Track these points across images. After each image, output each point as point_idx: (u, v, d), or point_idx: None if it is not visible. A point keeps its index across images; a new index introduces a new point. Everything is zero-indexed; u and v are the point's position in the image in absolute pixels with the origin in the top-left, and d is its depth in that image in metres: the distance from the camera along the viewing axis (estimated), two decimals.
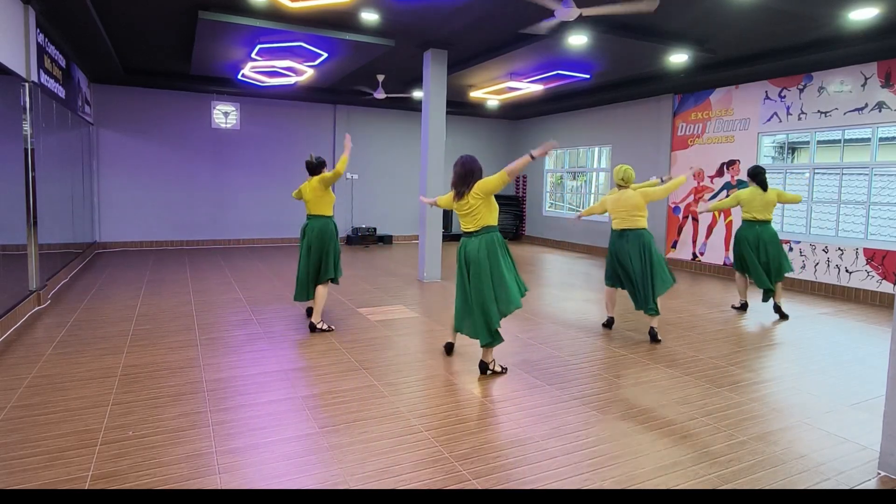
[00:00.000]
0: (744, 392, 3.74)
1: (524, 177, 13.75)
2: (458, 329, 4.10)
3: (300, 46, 7.32)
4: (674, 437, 3.02)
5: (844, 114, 7.30)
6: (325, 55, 7.72)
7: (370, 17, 6.27)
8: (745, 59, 7.65)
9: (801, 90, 7.78)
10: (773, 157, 8.80)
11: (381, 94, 9.97)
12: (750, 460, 2.79)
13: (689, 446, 2.92)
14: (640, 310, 4.97)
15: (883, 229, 7.13)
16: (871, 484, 2.62)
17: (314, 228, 5.05)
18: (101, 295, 6.35)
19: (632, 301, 5.08)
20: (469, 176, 3.96)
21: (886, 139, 7.29)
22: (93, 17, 6.11)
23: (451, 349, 4.46)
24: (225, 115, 11.06)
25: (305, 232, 5.10)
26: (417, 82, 9.91)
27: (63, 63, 7.17)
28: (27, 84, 5.53)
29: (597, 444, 2.92)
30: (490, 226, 3.95)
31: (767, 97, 8.21)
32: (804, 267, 7.77)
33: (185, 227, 10.87)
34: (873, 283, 7.01)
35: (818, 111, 7.59)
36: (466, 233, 3.99)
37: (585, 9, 5.03)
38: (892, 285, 6.83)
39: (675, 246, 9.77)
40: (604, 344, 4.82)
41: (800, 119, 7.81)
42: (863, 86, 7.10)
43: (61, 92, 7.01)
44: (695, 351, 4.66)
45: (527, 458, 2.74)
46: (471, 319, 3.92)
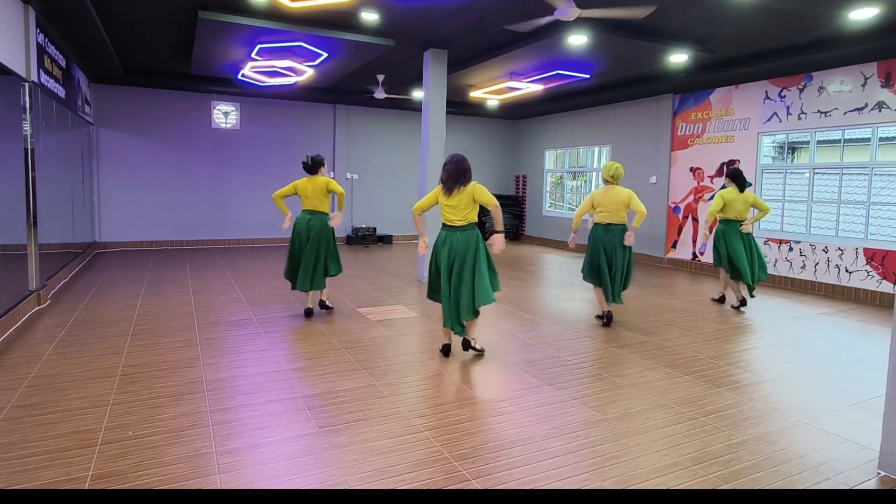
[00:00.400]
0: (744, 392, 3.74)
1: (524, 176, 13.75)
2: (447, 323, 4.24)
3: (300, 46, 7.32)
4: (674, 437, 3.02)
5: (844, 114, 7.30)
6: (325, 55, 7.72)
7: (370, 16, 6.27)
8: (745, 59, 7.65)
9: (801, 90, 7.78)
10: (773, 157, 8.80)
11: (381, 94, 9.97)
12: (750, 460, 2.79)
13: (689, 446, 2.92)
14: (618, 302, 5.37)
15: (883, 229, 7.13)
16: (871, 484, 2.62)
17: (316, 224, 5.39)
18: (101, 295, 6.35)
19: (605, 292, 5.37)
20: (463, 174, 4.17)
21: (886, 139, 7.29)
22: (93, 17, 6.11)
23: (447, 351, 4.42)
24: (225, 115, 11.06)
25: (307, 226, 5.38)
26: (417, 82, 9.91)
27: (63, 63, 7.17)
28: (27, 84, 5.53)
29: (597, 444, 2.92)
30: (474, 223, 4.23)
31: (767, 97, 8.21)
32: (804, 267, 7.77)
33: (185, 227, 10.88)
34: (873, 283, 7.01)
35: (818, 111, 7.59)
36: (451, 226, 4.21)
37: (584, 10, 5.04)
38: (892, 285, 6.83)
39: (675, 246, 9.76)
40: (604, 344, 4.82)
41: (800, 119, 7.81)
42: (863, 86, 7.10)
43: (61, 92, 7.01)
44: (695, 351, 4.66)
45: (527, 458, 2.74)
46: (451, 308, 4.17)
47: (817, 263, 7.61)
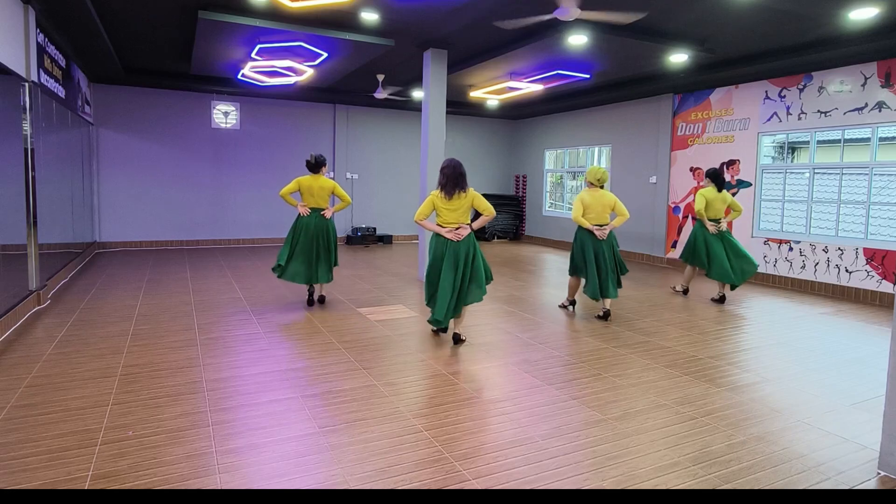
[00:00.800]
0: (744, 392, 3.74)
1: (524, 176, 13.75)
2: (444, 320, 4.52)
3: (300, 46, 7.32)
4: (674, 437, 3.02)
5: (844, 113, 7.30)
6: (325, 55, 7.72)
7: (370, 16, 6.27)
8: (745, 58, 7.65)
9: (801, 90, 7.78)
10: (773, 157, 8.80)
11: (381, 94, 9.97)
12: (750, 460, 2.79)
13: (689, 446, 2.92)
14: (604, 297, 5.57)
15: (883, 229, 7.12)
16: (871, 484, 2.62)
17: (322, 221, 5.83)
18: (101, 295, 6.35)
19: (590, 286, 5.60)
20: (461, 179, 4.52)
21: (886, 139, 7.29)
22: (93, 16, 6.11)
23: (447, 329, 4.92)
24: (225, 114, 11.06)
25: (313, 222, 5.78)
26: (417, 82, 9.91)
27: (63, 63, 7.17)
28: (27, 84, 5.53)
29: (597, 444, 2.92)
30: (468, 223, 4.66)
31: (767, 97, 8.21)
32: (804, 267, 7.77)
33: (185, 227, 10.88)
34: (873, 282, 7.01)
35: (818, 111, 7.59)
36: (450, 227, 4.58)
37: (584, 13, 5.03)
38: (892, 285, 6.83)
39: (675, 246, 9.76)
40: (604, 344, 4.82)
41: (800, 119, 7.81)
42: (863, 86, 7.10)
43: (61, 92, 7.01)
44: (695, 351, 4.66)
45: (527, 458, 2.74)
46: (457, 298, 4.52)
47: (817, 263, 7.61)
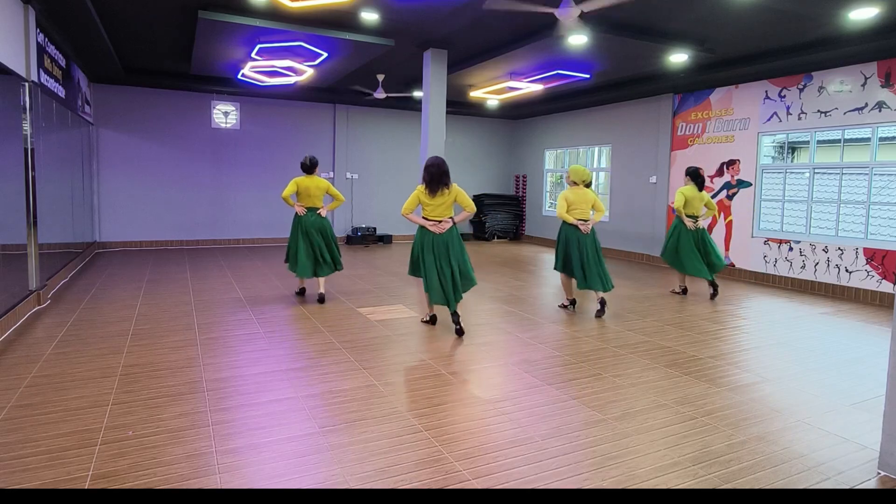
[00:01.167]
0: (744, 392, 3.74)
1: (524, 176, 13.75)
2: (437, 301, 4.89)
3: (300, 46, 7.32)
4: (674, 437, 3.02)
5: (844, 113, 7.30)
6: (325, 55, 7.72)
7: (370, 16, 6.27)
8: (745, 58, 7.65)
9: (801, 90, 7.77)
10: (773, 157, 8.80)
11: (381, 94, 9.97)
12: (750, 460, 2.79)
13: (689, 446, 2.92)
14: (594, 288, 5.77)
15: (883, 229, 7.13)
16: (871, 484, 2.62)
17: (318, 220, 6.15)
18: (101, 295, 6.35)
19: (578, 279, 5.84)
20: (445, 176, 4.88)
21: (886, 139, 7.29)
22: (93, 16, 6.11)
23: (436, 320, 5.29)
24: (225, 114, 11.07)
25: (311, 221, 6.09)
26: (417, 82, 9.91)
27: (63, 63, 7.17)
28: (27, 84, 5.53)
29: (597, 444, 2.92)
30: (451, 217, 5.00)
31: (767, 97, 8.21)
32: (804, 267, 7.77)
33: (185, 227, 10.88)
34: (873, 282, 7.00)
35: (818, 111, 7.59)
36: (436, 221, 4.92)
37: (583, 4, 5.00)
38: (892, 285, 6.83)
39: None
40: (604, 344, 4.82)
41: (800, 119, 7.81)
42: (863, 85, 7.10)
43: (61, 92, 7.01)
44: (695, 351, 4.66)
45: (526, 458, 2.74)
46: (452, 286, 4.85)
47: (817, 263, 7.61)
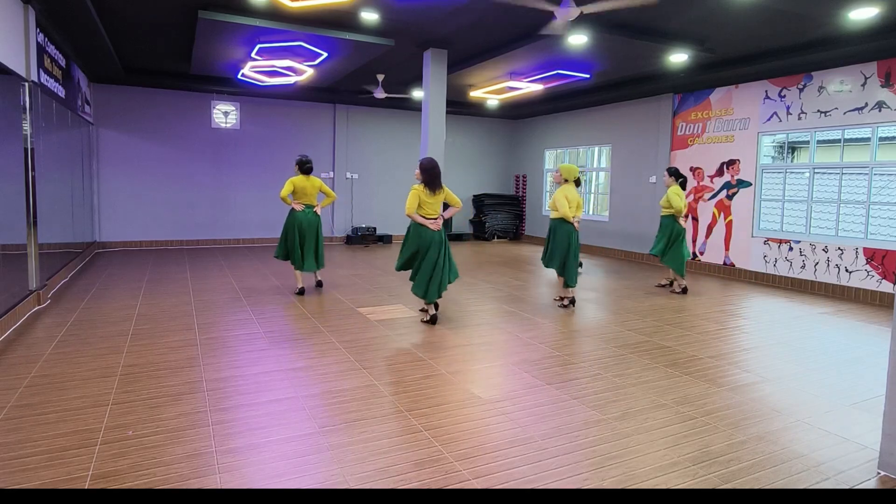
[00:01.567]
0: (744, 392, 3.74)
1: (524, 176, 13.75)
2: (434, 298, 5.26)
3: (300, 46, 7.32)
4: (674, 437, 3.02)
5: (844, 113, 7.30)
6: (325, 55, 7.72)
7: (370, 16, 6.27)
8: (745, 58, 7.65)
9: (801, 90, 7.77)
10: (773, 157, 8.80)
11: (381, 94, 9.97)
12: (750, 460, 2.79)
13: (689, 446, 2.92)
14: (571, 285, 6.12)
15: (883, 229, 7.13)
16: (871, 484, 2.62)
17: (314, 217, 6.50)
18: (101, 295, 6.35)
19: (572, 277, 6.10)
20: (439, 176, 5.30)
21: (886, 139, 7.29)
22: (93, 16, 6.11)
23: (435, 320, 5.40)
24: (225, 114, 11.06)
25: (307, 218, 6.43)
26: (417, 82, 9.91)
27: (63, 63, 7.17)
28: (27, 84, 5.53)
29: (596, 444, 2.92)
30: (440, 214, 5.38)
31: (767, 97, 8.21)
32: (804, 267, 7.77)
33: (185, 227, 10.88)
34: (873, 282, 7.01)
35: (818, 111, 7.59)
36: (432, 219, 5.28)
37: (586, 6, 5.01)
38: (892, 285, 6.83)
39: None
40: (604, 344, 4.82)
41: (800, 119, 7.81)
42: (863, 85, 7.10)
43: (61, 92, 7.01)
44: (695, 351, 4.66)
45: (526, 458, 2.74)
46: (440, 280, 5.22)
47: (817, 263, 7.61)
